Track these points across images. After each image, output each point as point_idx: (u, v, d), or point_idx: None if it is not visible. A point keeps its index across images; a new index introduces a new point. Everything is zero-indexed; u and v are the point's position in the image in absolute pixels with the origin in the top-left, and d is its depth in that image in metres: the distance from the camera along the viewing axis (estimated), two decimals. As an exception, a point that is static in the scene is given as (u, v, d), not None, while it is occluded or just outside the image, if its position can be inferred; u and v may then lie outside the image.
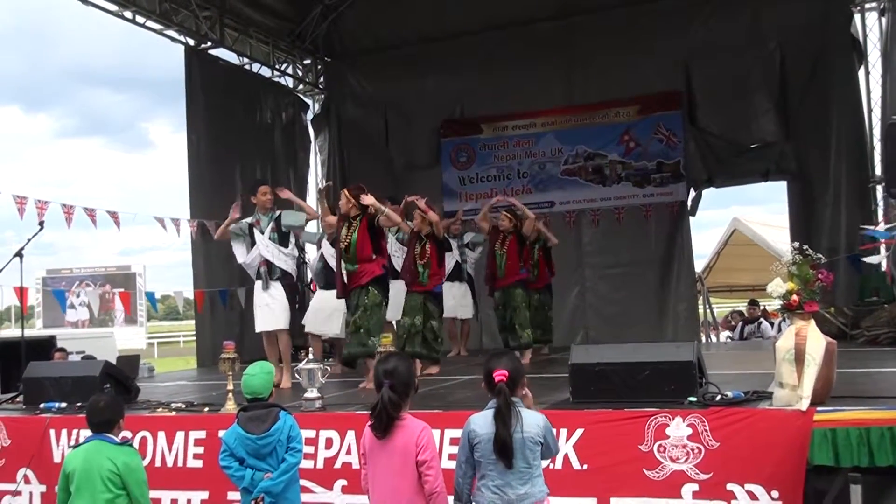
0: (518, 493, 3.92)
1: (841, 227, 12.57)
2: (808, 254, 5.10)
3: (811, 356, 4.90)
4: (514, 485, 3.93)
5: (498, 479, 3.94)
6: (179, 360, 22.25)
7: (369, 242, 8.13)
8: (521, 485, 3.93)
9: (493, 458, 3.94)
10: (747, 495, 4.83)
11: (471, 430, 4.04)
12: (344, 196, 8.29)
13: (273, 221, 8.84)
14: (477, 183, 15.21)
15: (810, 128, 12.95)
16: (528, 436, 3.96)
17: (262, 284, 8.81)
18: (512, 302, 10.02)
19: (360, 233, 8.14)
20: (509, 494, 3.92)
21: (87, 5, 11.91)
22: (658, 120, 14.04)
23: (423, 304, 8.93)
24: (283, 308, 8.77)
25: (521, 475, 3.94)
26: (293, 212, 9.08)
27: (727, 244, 18.72)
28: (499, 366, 4.08)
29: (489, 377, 4.08)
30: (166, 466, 6.24)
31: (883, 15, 12.41)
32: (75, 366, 8.84)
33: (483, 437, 3.98)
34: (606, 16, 14.13)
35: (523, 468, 3.94)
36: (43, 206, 10.38)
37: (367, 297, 8.02)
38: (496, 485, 3.94)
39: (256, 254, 8.85)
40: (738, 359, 9.93)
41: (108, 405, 5.01)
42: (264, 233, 8.81)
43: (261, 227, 8.86)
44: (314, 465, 5.77)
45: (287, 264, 8.88)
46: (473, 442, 4.01)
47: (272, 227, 8.82)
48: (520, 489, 3.93)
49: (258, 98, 14.94)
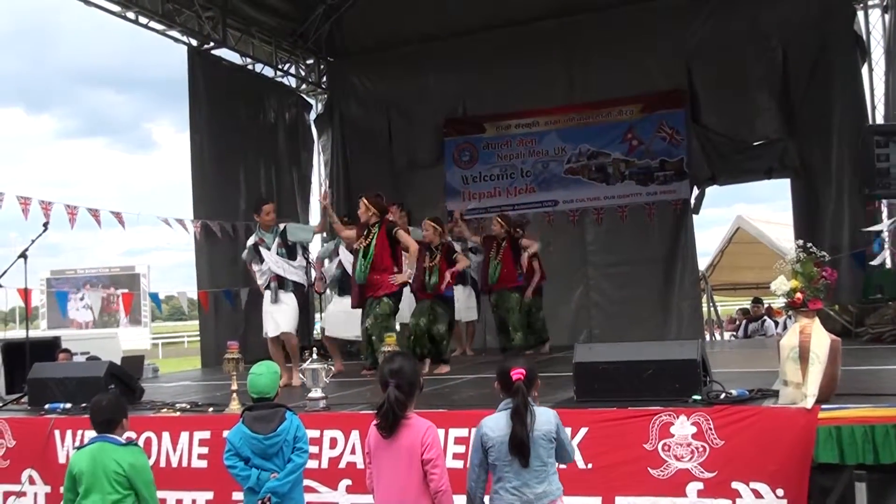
0: (536, 492, 3.93)
1: (844, 225, 12.56)
2: (812, 251, 5.10)
3: (816, 354, 4.89)
4: (531, 484, 3.93)
5: (515, 479, 3.94)
6: (184, 360, 22.25)
7: (388, 251, 8.32)
8: (539, 483, 3.94)
9: (508, 460, 3.94)
10: (752, 493, 4.82)
11: (483, 433, 4.04)
12: (363, 204, 8.49)
13: (278, 237, 8.87)
14: (480, 182, 15.20)
15: (813, 125, 12.92)
16: (541, 433, 3.97)
17: (271, 296, 8.83)
18: (506, 304, 10.35)
19: (378, 241, 8.32)
20: (527, 494, 3.92)
21: (89, 6, 11.93)
22: (661, 118, 14.01)
23: (431, 307, 9.11)
24: (293, 314, 8.83)
25: (537, 474, 3.95)
26: (301, 226, 9.33)
27: (731, 242, 18.73)
28: (516, 364, 4.09)
29: (506, 376, 4.08)
30: (171, 467, 6.25)
31: (886, 12, 12.41)
32: (80, 367, 8.84)
33: (496, 439, 3.98)
34: (608, 14, 14.12)
35: (538, 466, 3.95)
36: (47, 207, 10.40)
37: (378, 307, 8.29)
38: (514, 486, 3.94)
39: (266, 269, 8.88)
40: (742, 357, 9.93)
41: (110, 404, 5.01)
42: (271, 249, 8.84)
43: (266, 244, 8.87)
44: (318, 464, 5.77)
45: (298, 276, 8.95)
46: (487, 445, 4.01)
47: (278, 243, 8.85)
48: (537, 488, 3.93)
49: (261, 98, 14.95)
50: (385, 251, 8.34)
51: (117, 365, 8.11)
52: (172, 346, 35.17)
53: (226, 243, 13.28)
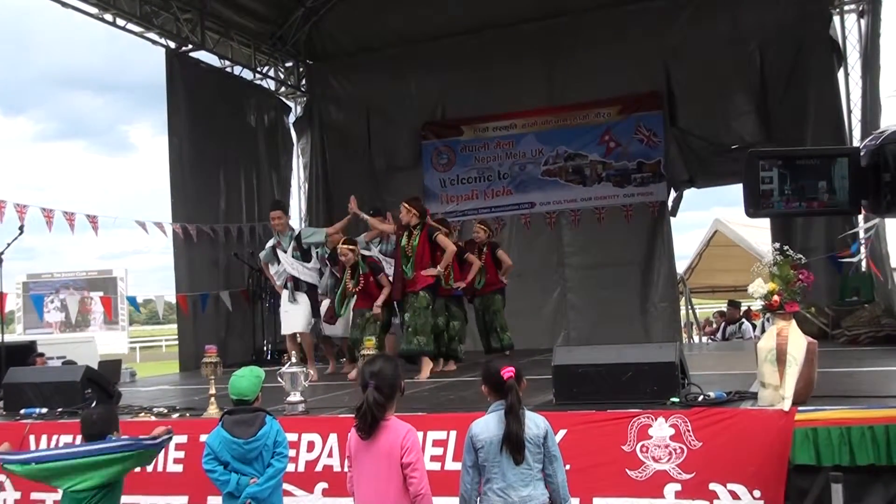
0: (521, 494, 3.93)
1: (820, 227, 12.62)
2: (789, 254, 5.13)
3: (793, 356, 4.93)
4: (516, 487, 3.94)
5: (501, 481, 3.95)
6: (162, 364, 22.15)
7: (429, 252, 9.02)
8: (524, 486, 3.95)
9: (497, 462, 3.96)
10: (729, 495, 4.85)
11: (473, 433, 4.05)
12: (404, 208, 9.14)
13: (293, 240, 9.63)
14: (458, 185, 15.21)
15: (790, 128, 12.97)
16: (528, 435, 3.98)
17: (288, 296, 9.64)
18: (493, 307, 10.56)
19: (420, 242, 9.01)
20: (513, 497, 3.93)
21: (66, 8, 11.86)
22: (638, 120, 14.05)
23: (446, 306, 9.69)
24: (306, 313, 9.60)
25: (522, 476, 3.95)
26: (314, 230, 10.14)
27: (709, 245, 18.83)
28: (505, 364, 4.11)
29: (496, 377, 4.08)
30: (146, 471, 6.18)
31: (862, 17, 12.48)
32: (56, 371, 8.76)
33: (486, 440, 3.99)
34: (587, 17, 14.16)
35: (524, 469, 3.96)
36: (22, 210, 10.33)
37: (416, 300, 9.00)
38: (500, 487, 3.95)
39: (282, 270, 9.71)
40: (720, 359, 9.97)
41: (101, 418, 4.96)
42: (287, 251, 9.63)
43: (283, 246, 9.70)
44: (296, 468, 5.76)
45: (312, 277, 9.78)
46: (477, 446, 4.02)
47: (293, 246, 9.61)
48: (522, 491, 3.94)
49: (240, 101, 14.90)
50: (426, 252, 9.03)
51: (94, 369, 8.05)
52: (150, 350, 34.97)
53: (205, 246, 13.23)
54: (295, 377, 6.41)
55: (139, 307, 18.80)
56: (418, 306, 8.97)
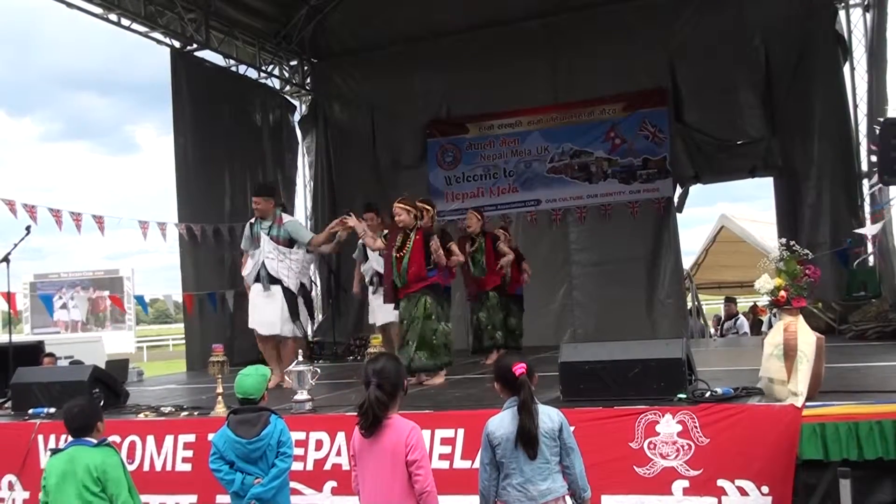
0: (540, 489, 3.95)
1: (827, 223, 12.61)
2: (796, 250, 5.11)
3: (803, 352, 4.91)
4: (535, 481, 3.95)
5: (520, 476, 3.97)
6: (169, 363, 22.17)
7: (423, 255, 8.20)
8: (542, 480, 3.96)
9: (514, 457, 3.97)
10: (737, 491, 4.84)
11: (489, 431, 4.06)
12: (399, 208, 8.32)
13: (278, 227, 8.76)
14: (463, 182, 15.21)
15: (796, 124, 12.98)
16: (543, 429, 3.99)
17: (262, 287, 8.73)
18: (488, 303, 10.12)
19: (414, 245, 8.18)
20: (532, 491, 3.95)
21: (71, 9, 11.88)
22: (644, 116, 14.03)
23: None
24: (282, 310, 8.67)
25: (540, 470, 3.97)
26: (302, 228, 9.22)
27: (715, 241, 18.77)
28: (516, 361, 4.11)
29: (508, 373, 4.09)
30: (155, 471, 6.22)
31: (867, 11, 12.45)
32: (64, 371, 8.78)
33: (501, 437, 4.00)
34: (591, 13, 14.15)
35: (542, 463, 3.97)
36: (33, 210, 10.38)
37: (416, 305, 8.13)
38: (518, 482, 3.97)
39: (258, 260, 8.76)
40: (727, 355, 9.95)
41: (82, 410, 4.91)
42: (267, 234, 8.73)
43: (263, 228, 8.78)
44: (304, 466, 5.76)
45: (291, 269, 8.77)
46: (494, 444, 4.03)
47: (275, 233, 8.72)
48: (541, 485, 3.96)
49: (245, 100, 14.91)
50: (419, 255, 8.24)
51: (101, 369, 8.06)
52: (157, 349, 35.02)
53: (211, 246, 13.24)
54: (302, 375, 6.41)
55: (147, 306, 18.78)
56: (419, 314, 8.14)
